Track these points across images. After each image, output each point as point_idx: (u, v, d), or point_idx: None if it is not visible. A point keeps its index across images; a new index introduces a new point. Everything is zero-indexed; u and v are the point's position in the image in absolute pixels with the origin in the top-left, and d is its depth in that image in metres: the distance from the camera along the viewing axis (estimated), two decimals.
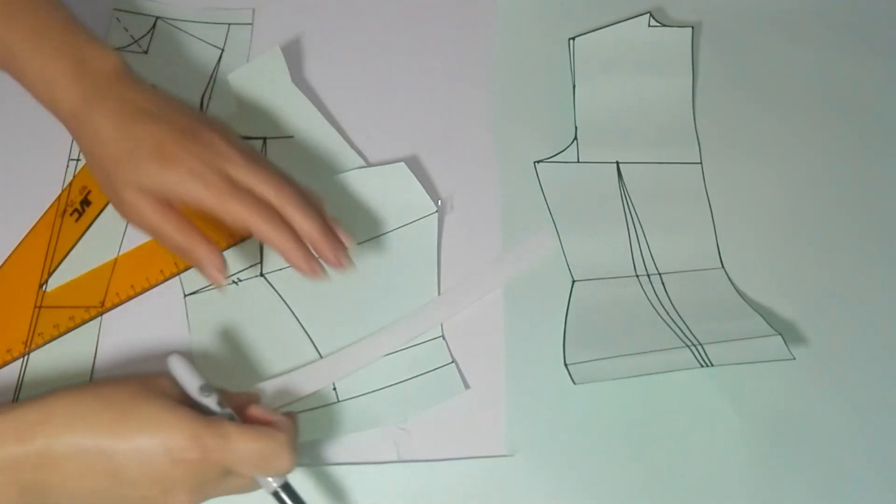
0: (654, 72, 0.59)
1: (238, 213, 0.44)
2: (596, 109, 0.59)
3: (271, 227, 0.44)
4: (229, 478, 0.40)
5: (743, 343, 0.49)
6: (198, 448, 0.38)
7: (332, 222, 0.48)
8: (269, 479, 0.41)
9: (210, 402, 0.41)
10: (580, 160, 0.58)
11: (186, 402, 0.40)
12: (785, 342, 0.49)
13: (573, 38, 0.59)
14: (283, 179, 0.46)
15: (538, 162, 0.57)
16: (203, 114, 0.49)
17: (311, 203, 0.47)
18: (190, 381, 0.42)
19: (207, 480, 0.39)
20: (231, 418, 0.41)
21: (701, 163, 0.58)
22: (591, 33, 0.59)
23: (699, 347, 0.49)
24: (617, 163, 0.57)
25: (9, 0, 0.46)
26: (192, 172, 0.43)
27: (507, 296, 0.53)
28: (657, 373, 0.49)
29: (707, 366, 0.48)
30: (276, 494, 0.41)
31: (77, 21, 0.48)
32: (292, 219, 0.45)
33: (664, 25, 0.59)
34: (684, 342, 0.50)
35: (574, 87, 0.59)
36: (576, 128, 0.58)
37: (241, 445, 0.39)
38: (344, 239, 0.48)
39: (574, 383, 0.48)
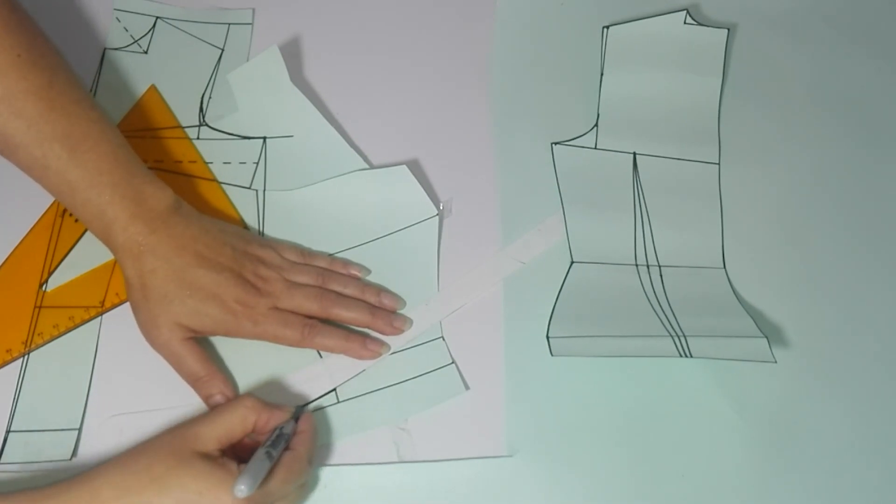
0: (684, 69, 0.60)
1: (290, 339, 0.49)
2: (620, 99, 0.59)
3: (322, 339, 0.49)
4: None
5: (727, 340, 0.49)
6: None
7: (378, 293, 0.51)
8: None
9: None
10: (597, 147, 0.58)
11: (224, 450, 0.43)
12: (770, 346, 0.49)
13: (607, 27, 0.59)
14: (320, 290, 0.50)
15: (555, 144, 0.57)
16: (242, 236, 0.51)
17: (352, 289, 0.51)
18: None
19: None
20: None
21: (719, 164, 0.58)
22: (626, 24, 0.59)
23: (682, 338, 0.49)
24: (634, 153, 0.58)
25: (69, 134, 0.46)
26: (246, 316, 0.48)
27: (506, 296, 0.53)
28: (635, 356, 0.49)
29: (686, 356, 0.48)
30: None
31: (135, 157, 0.49)
32: (339, 319, 0.50)
33: (700, 24, 0.60)
34: (668, 332, 0.50)
35: (602, 74, 0.59)
36: (598, 114, 0.59)
37: (277, 489, 0.42)
38: (391, 303, 0.51)
39: (552, 355, 0.49)
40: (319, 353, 0.50)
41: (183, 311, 0.47)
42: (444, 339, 0.51)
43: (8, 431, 0.47)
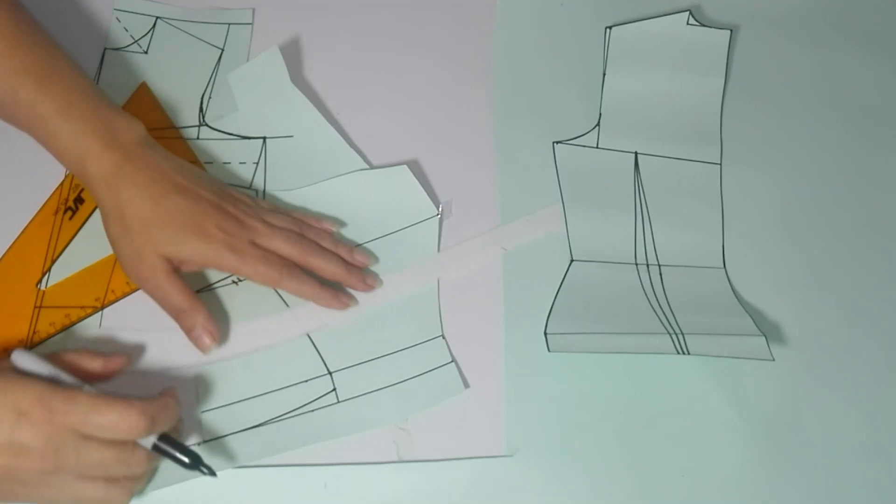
0: (686, 69, 0.60)
1: (268, 277, 0.48)
2: (622, 99, 0.59)
3: (298, 283, 0.49)
4: (91, 446, 0.40)
5: (725, 338, 0.50)
6: (44, 408, 0.39)
7: (350, 250, 0.52)
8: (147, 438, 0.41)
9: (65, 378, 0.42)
10: (599, 146, 0.58)
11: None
12: (768, 344, 0.49)
13: (610, 27, 0.59)
14: (299, 236, 0.50)
15: (557, 142, 0.57)
16: (218, 180, 0.52)
17: (327, 243, 0.51)
18: (40, 369, 0.42)
19: (61, 445, 0.39)
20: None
21: (720, 164, 0.58)
22: (629, 24, 0.59)
23: (680, 336, 0.49)
24: (636, 153, 0.58)
25: (37, 67, 0.47)
26: (226, 245, 0.47)
27: (506, 296, 0.53)
28: (632, 353, 0.49)
29: (683, 353, 0.48)
30: (155, 448, 0.42)
31: (101, 90, 0.49)
32: (315, 268, 0.50)
33: (703, 25, 0.60)
34: (666, 329, 0.50)
35: (604, 74, 0.59)
36: (600, 114, 0.59)
37: (90, 409, 0.39)
38: (364, 259, 0.52)
39: (549, 351, 0.49)
40: (286, 303, 0.51)
41: (163, 238, 0.46)
42: (444, 338, 0.51)
43: None
